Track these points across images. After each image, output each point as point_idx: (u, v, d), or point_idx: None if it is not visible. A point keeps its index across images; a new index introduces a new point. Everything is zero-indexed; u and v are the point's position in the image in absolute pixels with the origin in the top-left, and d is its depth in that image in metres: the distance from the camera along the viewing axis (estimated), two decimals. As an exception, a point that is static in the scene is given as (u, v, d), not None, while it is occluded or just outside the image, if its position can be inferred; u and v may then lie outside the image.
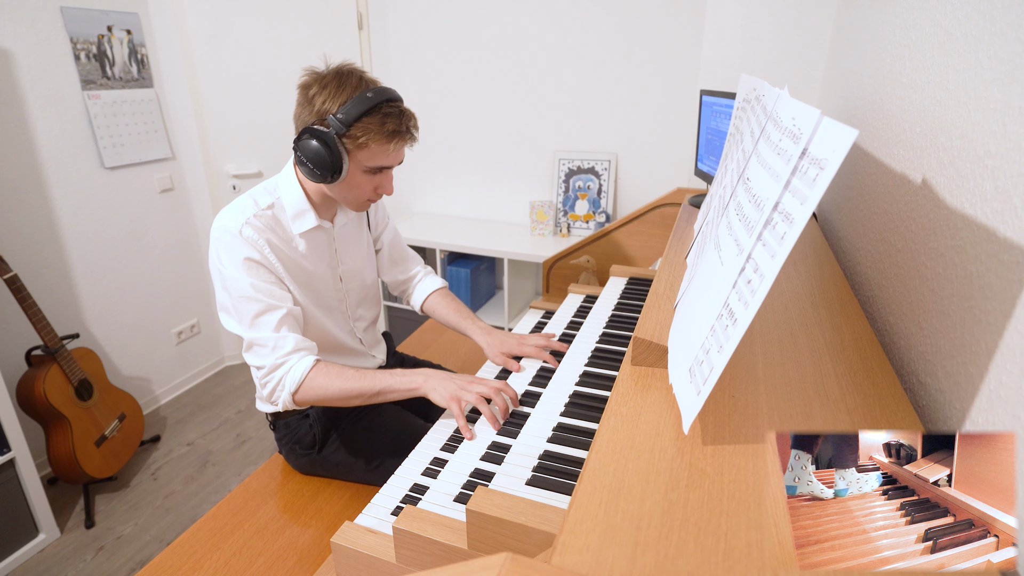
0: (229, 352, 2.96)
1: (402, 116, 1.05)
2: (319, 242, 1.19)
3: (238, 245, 1.06)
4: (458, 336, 1.89)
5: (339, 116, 1.00)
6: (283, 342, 1.07)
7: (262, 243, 1.08)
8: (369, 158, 1.05)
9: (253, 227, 1.07)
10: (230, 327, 1.09)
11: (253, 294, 1.06)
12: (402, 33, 2.76)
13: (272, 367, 1.07)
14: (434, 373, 1.10)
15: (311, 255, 1.17)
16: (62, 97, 2.10)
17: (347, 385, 1.07)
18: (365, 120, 1.01)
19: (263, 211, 1.10)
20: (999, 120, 0.54)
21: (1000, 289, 0.50)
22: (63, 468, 1.92)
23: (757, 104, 0.70)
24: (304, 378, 1.06)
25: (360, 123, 1.01)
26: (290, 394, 1.07)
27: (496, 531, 0.66)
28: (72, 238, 2.19)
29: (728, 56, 1.90)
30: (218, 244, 1.07)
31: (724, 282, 0.54)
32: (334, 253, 1.23)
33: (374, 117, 1.02)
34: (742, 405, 0.59)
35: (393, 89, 1.07)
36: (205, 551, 1.08)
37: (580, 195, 2.63)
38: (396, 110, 1.04)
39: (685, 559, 0.41)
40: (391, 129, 1.03)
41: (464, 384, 1.06)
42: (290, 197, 1.13)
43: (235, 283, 1.06)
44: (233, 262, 1.06)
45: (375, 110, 1.02)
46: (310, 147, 1.02)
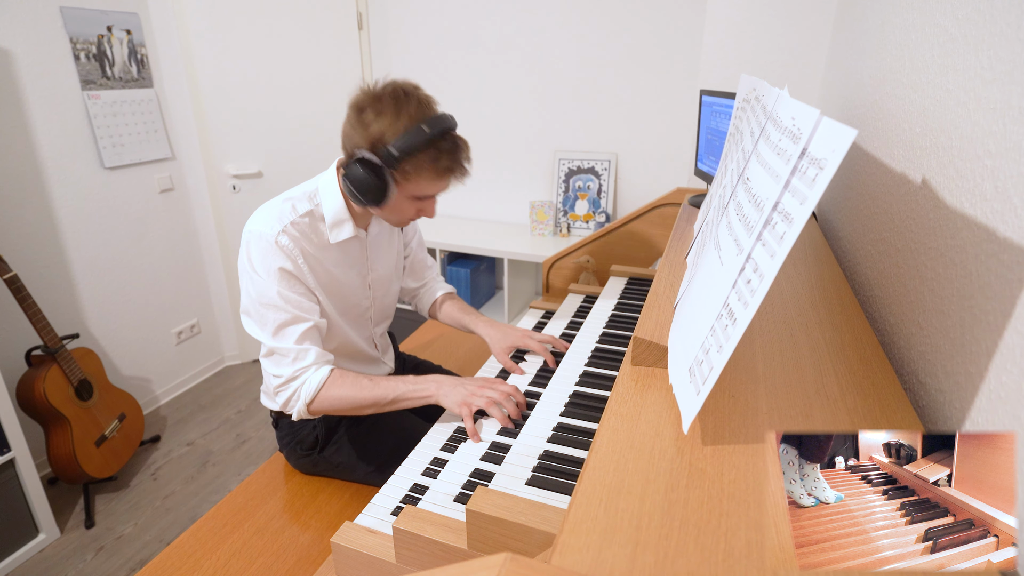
0: (229, 352, 2.96)
1: (456, 152, 1.03)
2: (352, 250, 1.18)
3: (272, 253, 1.04)
4: (458, 336, 1.89)
5: (393, 150, 0.98)
6: (304, 355, 1.06)
7: (296, 252, 1.07)
8: (417, 189, 1.04)
9: (289, 235, 1.06)
10: (252, 332, 1.08)
11: (281, 303, 1.05)
12: (402, 33, 2.76)
13: (290, 378, 1.06)
14: (445, 380, 1.09)
15: (343, 263, 1.17)
16: (62, 97, 2.10)
17: (361, 395, 1.07)
18: (419, 155, 0.99)
19: (300, 218, 1.08)
20: (999, 120, 0.54)
21: (1000, 289, 0.50)
22: (63, 468, 1.92)
23: (757, 104, 0.70)
24: (320, 389, 1.06)
25: (414, 158, 0.99)
26: (305, 404, 1.07)
27: (496, 531, 0.66)
28: (72, 238, 2.19)
29: (728, 56, 1.89)
30: (251, 248, 1.05)
31: (724, 282, 0.54)
32: (365, 261, 1.22)
33: (428, 152, 1.00)
34: (742, 405, 0.59)
35: (450, 116, 1.04)
36: (205, 551, 1.08)
37: (580, 195, 2.63)
38: (451, 144, 1.02)
39: (685, 559, 0.41)
40: (444, 166, 1.02)
41: (474, 389, 1.06)
42: (330, 206, 1.11)
43: (264, 290, 1.04)
44: (266, 269, 1.04)
45: (430, 145, 0.99)
46: (358, 174, 1.00)
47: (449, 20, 2.64)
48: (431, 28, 2.69)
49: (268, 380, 1.11)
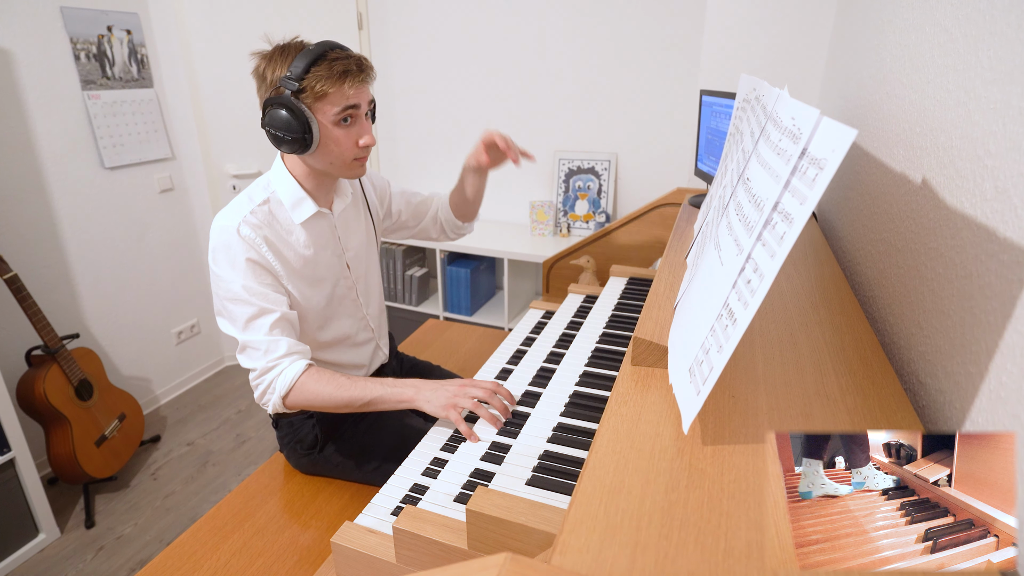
0: (229, 352, 2.96)
1: (346, 56, 1.04)
2: (321, 231, 1.19)
3: (236, 245, 1.05)
4: (459, 336, 1.89)
5: (289, 75, 1.01)
6: (276, 345, 1.06)
7: (259, 241, 1.07)
8: (331, 105, 1.04)
9: (250, 224, 1.07)
10: (224, 329, 1.09)
11: (246, 296, 1.05)
12: (402, 33, 2.76)
13: (263, 370, 1.06)
14: (424, 384, 1.08)
15: (314, 245, 1.17)
16: (62, 97, 2.10)
17: (337, 393, 1.06)
18: (314, 70, 1.01)
19: (259, 207, 1.10)
20: (999, 120, 0.54)
21: (1000, 289, 0.50)
22: (63, 468, 1.92)
23: (757, 104, 0.70)
24: (295, 382, 1.06)
25: (310, 74, 1.01)
26: (280, 397, 1.06)
27: (496, 531, 0.66)
28: (72, 238, 2.19)
29: (728, 56, 1.90)
30: (215, 245, 1.06)
31: (724, 282, 0.54)
32: (337, 241, 1.22)
33: (321, 65, 1.01)
34: (742, 405, 0.59)
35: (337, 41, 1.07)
36: (205, 551, 1.08)
37: (580, 195, 2.63)
38: (343, 54, 1.04)
39: (685, 559, 0.41)
40: (340, 70, 1.02)
41: (456, 391, 1.04)
42: (284, 188, 1.13)
43: (227, 284, 1.05)
44: (230, 263, 1.05)
45: (321, 58, 1.02)
46: (276, 117, 1.02)
47: (449, 20, 2.64)
48: (431, 28, 2.69)
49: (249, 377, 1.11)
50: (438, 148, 2.90)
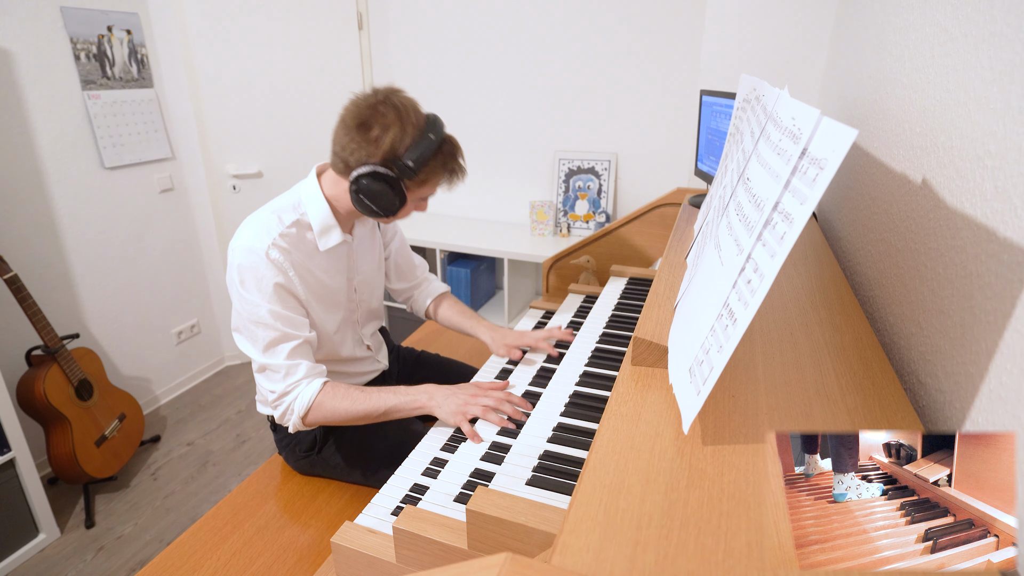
0: (229, 352, 2.96)
1: (456, 152, 1.10)
2: (339, 257, 1.19)
3: (264, 268, 1.04)
4: (459, 336, 1.89)
5: (409, 163, 1.03)
6: (295, 369, 1.07)
7: (287, 265, 1.07)
8: (425, 192, 1.11)
9: (279, 248, 1.06)
10: (243, 348, 1.09)
11: (271, 321, 1.05)
12: (402, 33, 2.76)
13: (283, 393, 1.08)
14: (437, 389, 1.10)
15: (331, 269, 1.17)
16: (62, 97, 2.10)
17: (354, 407, 1.08)
18: (431, 162, 1.06)
19: (287, 229, 1.08)
20: (999, 120, 0.54)
21: (1000, 289, 0.50)
22: (63, 468, 1.92)
23: (757, 104, 0.70)
24: (312, 402, 1.08)
25: (427, 166, 1.05)
26: (300, 418, 1.08)
27: (496, 531, 0.66)
28: (72, 238, 2.19)
29: (728, 56, 1.89)
30: (242, 266, 1.04)
31: (724, 282, 0.54)
32: (352, 266, 1.24)
33: (438, 158, 1.07)
34: (742, 405, 0.59)
35: (437, 116, 1.09)
36: (205, 551, 1.08)
37: (580, 195, 2.63)
38: (451, 146, 1.09)
39: (685, 559, 0.41)
40: (452, 168, 1.10)
41: (467, 398, 1.06)
42: (316, 212, 1.12)
43: (254, 308, 1.04)
44: (256, 286, 1.04)
45: (438, 151, 1.06)
46: (374, 189, 1.04)
47: (449, 20, 2.64)
48: (431, 28, 2.69)
49: (264, 394, 1.12)
50: (438, 148, 2.90)
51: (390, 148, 1.02)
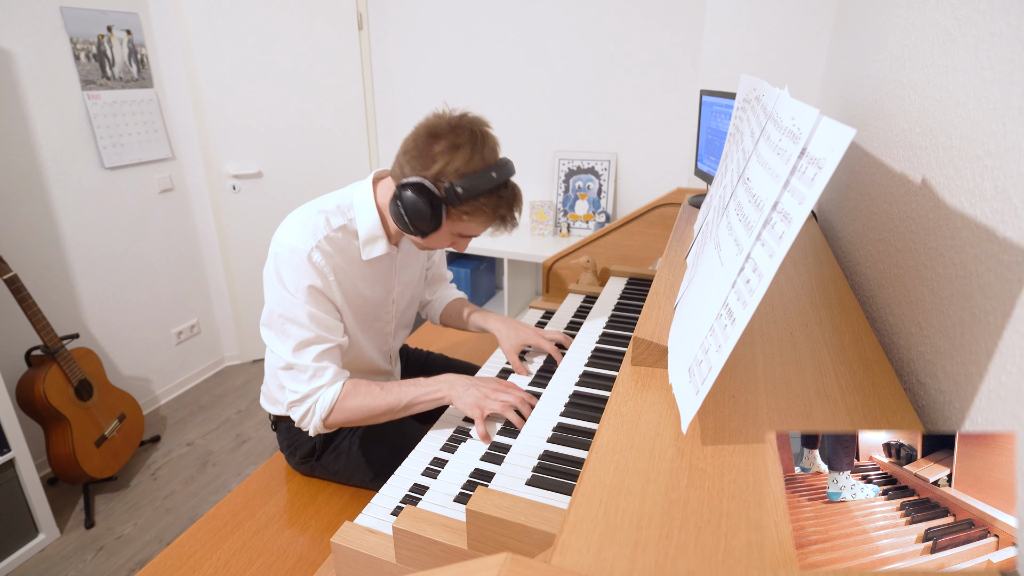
0: (229, 352, 2.96)
1: (513, 201, 1.03)
2: (382, 267, 1.17)
3: (304, 270, 1.02)
4: (459, 335, 1.89)
5: (459, 188, 0.96)
6: (322, 373, 1.05)
7: (328, 269, 1.04)
8: (465, 229, 1.04)
9: (323, 251, 1.03)
10: (271, 344, 1.06)
11: (307, 322, 1.03)
12: (402, 33, 2.76)
13: (305, 395, 1.05)
14: (457, 380, 1.08)
15: (371, 278, 1.15)
16: (62, 97, 2.10)
17: (375, 403, 1.06)
18: (481, 199, 0.98)
19: (334, 232, 1.06)
20: (999, 120, 0.54)
21: (1000, 289, 0.50)
22: (63, 468, 1.92)
23: (757, 104, 0.70)
24: (334, 403, 1.05)
25: (476, 200, 0.98)
26: (321, 420, 1.06)
27: (496, 531, 0.66)
28: (72, 238, 2.19)
29: (728, 56, 1.90)
30: (281, 262, 1.02)
31: (723, 282, 0.54)
32: (393, 276, 1.21)
33: (491, 199, 0.99)
34: (742, 405, 0.59)
35: (510, 161, 1.03)
36: (205, 551, 1.08)
37: (580, 195, 2.63)
38: (511, 194, 1.02)
39: (685, 559, 0.41)
40: (501, 214, 1.02)
41: (488, 392, 1.04)
42: (365, 220, 1.09)
43: (291, 307, 1.02)
44: (295, 286, 1.02)
45: (494, 192, 0.99)
46: (413, 202, 0.97)
47: (449, 20, 2.64)
48: (431, 28, 2.69)
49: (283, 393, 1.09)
50: (438, 148, 2.90)
51: (448, 167, 0.97)
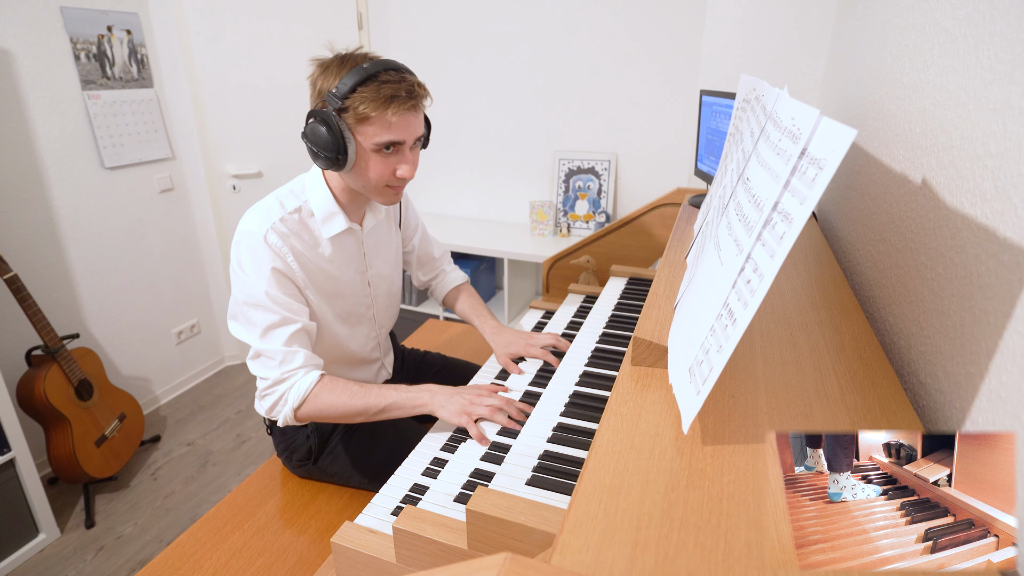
0: (229, 352, 2.96)
1: (399, 81, 0.96)
2: (348, 246, 1.16)
3: (261, 252, 1.02)
4: (459, 336, 1.89)
5: (335, 92, 0.95)
6: (292, 357, 1.04)
7: (286, 250, 1.05)
8: (374, 133, 0.98)
9: (278, 232, 1.04)
10: (238, 334, 1.06)
11: (269, 304, 1.02)
12: (402, 33, 2.76)
13: (276, 380, 1.03)
14: (440, 389, 1.08)
15: (338, 260, 1.14)
16: (62, 97, 2.10)
17: (352, 402, 1.04)
18: (360, 90, 0.94)
19: (289, 215, 1.06)
20: (999, 120, 0.54)
21: (1000, 289, 0.50)
22: (63, 468, 1.92)
23: (757, 104, 0.70)
24: (308, 394, 1.03)
25: (356, 93, 0.94)
26: (292, 409, 1.03)
27: (496, 531, 0.66)
28: (72, 238, 2.19)
29: (728, 56, 1.89)
30: (240, 249, 1.03)
31: (724, 282, 0.54)
32: (362, 257, 1.20)
33: (369, 85, 0.94)
34: (742, 405, 0.59)
35: (400, 63, 1.00)
36: (205, 551, 1.08)
37: (580, 195, 2.63)
38: (395, 77, 0.97)
39: (685, 559, 0.41)
40: (388, 94, 0.95)
41: (472, 398, 1.04)
42: (318, 199, 1.09)
43: (252, 290, 1.02)
44: (255, 269, 1.02)
45: (372, 79, 0.95)
46: (314, 131, 0.98)
47: (449, 20, 2.64)
48: (431, 28, 2.69)
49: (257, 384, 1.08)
50: (438, 147, 2.90)
51: (324, 86, 0.97)
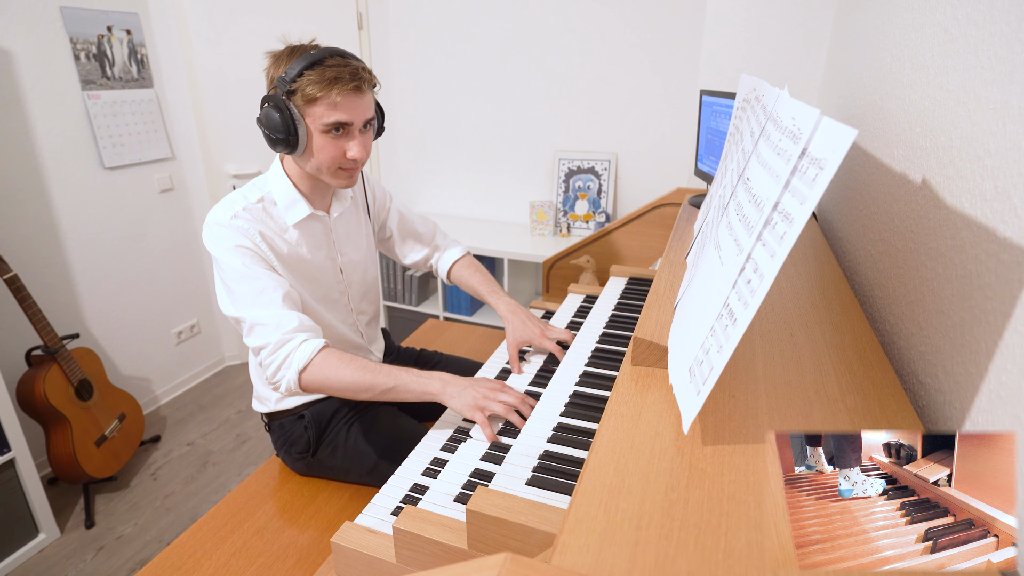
0: (229, 352, 2.96)
1: (344, 65, 1.01)
2: (315, 233, 1.18)
3: (229, 234, 1.05)
4: (458, 336, 1.89)
5: (284, 76, 1.00)
6: (286, 319, 1.03)
7: (253, 232, 1.07)
8: (321, 114, 1.02)
9: (242, 219, 1.07)
10: (228, 311, 1.06)
11: (248, 274, 1.04)
12: (402, 33, 2.76)
13: (278, 343, 1.01)
14: (452, 379, 1.06)
15: (307, 246, 1.16)
16: (62, 97, 2.10)
17: (359, 375, 1.01)
18: (307, 73, 0.99)
19: (252, 205, 1.10)
20: (999, 120, 0.54)
21: (1000, 289, 0.50)
22: (63, 468, 1.92)
23: (757, 104, 0.70)
24: (314, 357, 1.01)
25: (303, 77, 0.99)
26: (297, 372, 1.00)
27: (496, 531, 0.66)
28: (72, 238, 2.19)
29: (728, 56, 1.90)
30: (210, 238, 1.06)
31: (724, 282, 0.54)
32: (332, 244, 1.22)
33: (316, 69, 0.99)
34: (742, 405, 0.59)
35: (347, 51, 1.05)
36: (205, 551, 1.08)
37: (580, 195, 2.63)
38: (340, 62, 1.01)
39: (685, 559, 0.41)
40: (331, 76, 0.99)
41: (487, 392, 1.03)
42: (279, 188, 1.13)
43: (230, 265, 1.04)
44: (227, 248, 1.05)
45: (318, 63, 1.00)
46: (267, 115, 1.02)
47: (449, 20, 2.64)
48: (431, 28, 2.69)
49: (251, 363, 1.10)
50: (438, 147, 2.90)
51: (275, 74, 1.03)
